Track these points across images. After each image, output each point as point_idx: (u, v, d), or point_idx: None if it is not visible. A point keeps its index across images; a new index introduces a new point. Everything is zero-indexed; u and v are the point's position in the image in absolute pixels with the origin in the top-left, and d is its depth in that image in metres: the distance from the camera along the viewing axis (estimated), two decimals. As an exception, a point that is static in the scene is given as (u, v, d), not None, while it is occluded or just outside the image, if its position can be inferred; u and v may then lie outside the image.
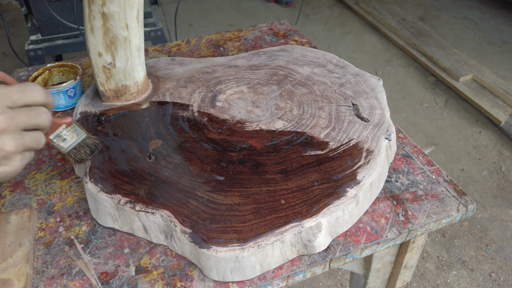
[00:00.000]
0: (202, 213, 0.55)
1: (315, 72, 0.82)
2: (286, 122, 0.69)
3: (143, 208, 0.55)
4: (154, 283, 0.53)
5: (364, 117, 0.70)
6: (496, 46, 2.67)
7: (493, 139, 2.00)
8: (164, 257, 0.56)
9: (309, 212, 0.54)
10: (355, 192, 0.57)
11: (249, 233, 0.52)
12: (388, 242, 0.58)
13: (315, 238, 0.54)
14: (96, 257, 0.56)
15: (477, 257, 1.51)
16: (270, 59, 0.86)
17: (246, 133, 0.67)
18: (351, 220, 0.58)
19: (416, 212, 0.61)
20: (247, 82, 0.79)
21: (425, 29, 2.69)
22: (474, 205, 0.63)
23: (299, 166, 0.61)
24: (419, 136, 2.04)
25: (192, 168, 0.61)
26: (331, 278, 1.45)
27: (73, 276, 0.54)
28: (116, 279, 0.54)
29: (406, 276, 0.77)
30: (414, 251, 0.71)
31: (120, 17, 0.65)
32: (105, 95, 0.73)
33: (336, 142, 0.65)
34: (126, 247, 0.58)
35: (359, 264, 0.74)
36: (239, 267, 0.51)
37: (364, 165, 0.61)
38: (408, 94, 2.31)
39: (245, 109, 0.73)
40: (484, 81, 2.19)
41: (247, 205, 0.56)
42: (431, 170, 0.68)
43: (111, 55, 0.69)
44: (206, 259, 0.51)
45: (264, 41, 1.04)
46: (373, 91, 0.76)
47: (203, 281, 0.53)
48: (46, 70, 0.84)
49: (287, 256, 0.54)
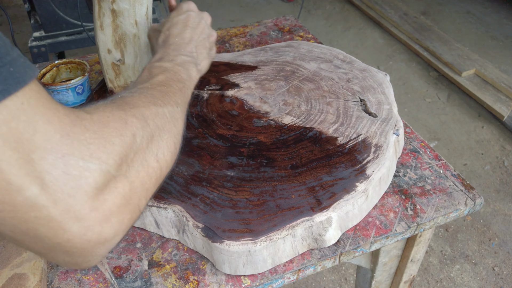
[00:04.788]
0: (214, 208, 0.55)
1: (322, 67, 0.82)
2: (294, 118, 0.70)
3: (155, 203, 0.56)
4: (167, 277, 0.54)
5: (372, 112, 0.70)
6: (498, 40, 2.67)
7: (496, 134, 2.00)
8: (176, 251, 0.57)
9: (320, 207, 0.55)
10: (365, 187, 0.58)
11: (261, 227, 0.53)
12: (397, 236, 0.59)
13: (326, 232, 0.55)
14: (109, 251, 0.57)
15: (480, 251, 1.52)
16: (276, 55, 0.87)
17: (255, 128, 0.68)
18: (361, 215, 0.59)
19: (424, 206, 0.62)
20: (255, 78, 0.80)
21: (428, 24, 2.68)
22: (482, 199, 0.63)
23: (308, 161, 0.62)
24: (422, 131, 2.04)
25: (202, 164, 0.62)
26: (335, 272, 1.47)
27: (87, 270, 0.55)
28: (130, 273, 0.54)
29: (413, 270, 0.78)
30: (421, 245, 0.72)
31: (130, 14, 0.65)
32: (114, 91, 0.73)
33: (345, 137, 0.66)
34: (138, 241, 0.58)
35: (366, 258, 0.75)
36: (251, 261, 0.52)
37: (373, 160, 0.61)
38: (410, 89, 2.32)
39: (253, 104, 0.73)
40: (486, 75, 2.19)
41: (258, 200, 0.56)
42: (438, 165, 0.69)
43: (120, 52, 0.69)
44: (219, 253, 0.52)
45: (270, 36, 1.04)
46: (381, 86, 0.76)
47: (215, 274, 0.54)
48: (54, 67, 0.84)
49: (298, 250, 0.55)
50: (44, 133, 0.28)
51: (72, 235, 0.30)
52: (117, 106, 0.37)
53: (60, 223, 0.29)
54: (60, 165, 0.28)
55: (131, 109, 0.38)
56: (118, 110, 0.36)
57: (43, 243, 0.30)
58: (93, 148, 0.31)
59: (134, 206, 0.34)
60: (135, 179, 0.34)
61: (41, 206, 0.28)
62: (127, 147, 0.34)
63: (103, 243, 0.32)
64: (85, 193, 0.30)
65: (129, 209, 0.34)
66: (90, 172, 0.30)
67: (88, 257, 0.32)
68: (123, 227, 0.33)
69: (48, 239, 0.29)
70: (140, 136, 0.36)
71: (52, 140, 0.29)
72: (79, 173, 0.29)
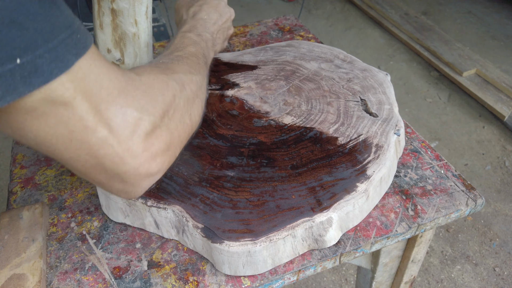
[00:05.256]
0: (213, 208, 0.55)
1: (322, 67, 0.82)
2: (294, 118, 0.69)
3: (155, 203, 0.56)
4: (167, 278, 0.54)
5: (373, 112, 0.70)
6: (499, 40, 2.66)
7: (497, 134, 2.00)
8: (176, 251, 0.57)
9: (320, 207, 0.55)
10: (365, 187, 0.57)
11: (261, 227, 0.52)
12: (398, 236, 0.59)
13: (326, 233, 0.54)
14: (109, 252, 0.57)
15: (481, 252, 1.52)
16: (277, 54, 0.86)
17: (255, 128, 0.68)
18: (361, 215, 0.58)
19: (425, 207, 0.61)
20: (255, 77, 0.80)
21: (428, 24, 2.68)
22: (483, 199, 0.63)
23: (309, 161, 0.61)
24: (423, 131, 2.04)
25: (202, 164, 0.62)
26: (336, 273, 1.46)
27: (86, 270, 0.55)
28: (129, 273, 0.54)
29: (413, 271, 0.77)
30: (421, 246, 0.71)
31: (130, 13, 0.65)
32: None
33: (345, 137, 0.65)
34: (137, 242, 0.58)
35: (367, 259, 0.75)
36: (251, 262, 0.52)
37: (373, 160, 0.61)
38: (411, 89, 2.31)
39: (254, 104, 0.73)
40: (487, 75, 2.19)
41: (258, 200, 0.56)
42: (439, 165, 0.68)
43: (120, 52, 0.69)
44: (219, 253, 0.52)
45: (270, 36, 1.04)
46: (381, 86, 0.76)
47: (215, 275, 0.54)
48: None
49: (298, 250, 0.55)
50: (107, 88, 0.35)
51: (129, 168, 0.38)
52: (160, 70, 0.45)
53: (122, 159, 0.37)
54: (120, 114, 0.36)
55: (172, 74, 0.45)
56: (161, 74, 0.44)
57: (106, 174, 0.39)
58: (142, 103, 0.38)
59: (173, 152, 0.43)
60: (174, 131, 0.43)
61: (109, 145, 0.36)
62: (168, 104, 0.42)
63: (149, 177, 0.41)
64: (139, 137, 0.38)
65: (169, 154, 0.42)
66: (142, 121, 0.38)
67: (137, 187, 0.41)
68: (164, 166, 0.42)
69: (110, 170, 0.38)
70: (178, 98, 0.44)
71: (113, 94, 0.36)
72: (134, 121, 0.37)
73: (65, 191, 0.65)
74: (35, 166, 0.70)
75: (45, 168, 0.70)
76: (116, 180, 0.40)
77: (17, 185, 0.67)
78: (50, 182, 0.67)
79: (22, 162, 0.71)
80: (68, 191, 0.65)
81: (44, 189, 0.66)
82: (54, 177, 0.68)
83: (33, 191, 0.66)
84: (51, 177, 0.68)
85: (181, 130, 0.44)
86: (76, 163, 0.37)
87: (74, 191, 0.65)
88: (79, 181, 0.67)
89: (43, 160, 0.71)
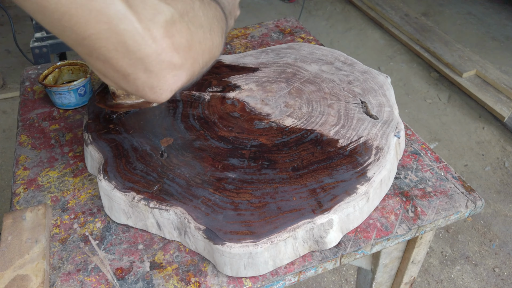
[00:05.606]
0: (215, 210, 0.56)
1: (323, 69, 0.82)
2: (295, 120, 0.70)
3: (157, 205, 0.56)
4: (169, 279, 0.54)
5: (373, 114, 0.70)
6: (499, 41, 2.67)
7: (497, 135, 2.00)
8: (178, 253, 0.57)
9: (321, 209, 0.55)
10: (366, 189, 0.58)
11: (262, 229, 0.53)
12: (398, 238, 0.59)
13: (327, 235, 0.55)
14: (111, 253, 0.57)
15: (481, 252, 1.52)
16: (278, 56, 0.87)
17: (256, 130, 0.68)
18: (362, 217, 0.59)
19: (425, 209, 0.62)
20: (256, 80, 0.80)
21: (428, 25, 2.68)
22: (483, 201, 0.63)
23: (309, 163, 0.62)
24: (422, 132, 2.04)
25: (204, 166, 0.62)
26: (336, 273, 1.47)
27: (89, 272, 0.55)
28: (131, 274, 0.55)
29: (413, 272, 0.78)
30: (421, 247, 0.72)
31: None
32: (116, 93, 0.73)
33: (346, 139, 0.66)
34: (140, 243, 0.59)
35: (367, 260, 0.75)
36: (252, 263, 0.52)
37: (374, 162, 0.62)
38: (411, 90, 2.32)
39: (255, 106, 0.73)
40: (487, 76, 2.19)
41: (259, 202, 0.56)
42: (439, 167, 0.69)
43: (122, 54, 0.69)
44: (220, 255, 0.52)
45: (271, 38, 1.05)
46: (382, 89, 0.76)
47: (217, 276, 0.54)
48: (56, 69, 0.84)
49: (299, 252, 0.55)
50: None
51: (150, 51, 0.38)
52: None
53: (143, 38, 0.37)
54: None
55: None
56: None
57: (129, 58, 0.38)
58: None
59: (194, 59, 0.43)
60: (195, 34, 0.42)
61: (129, 20, 0.36)
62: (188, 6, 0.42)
63: (172, 70, 0.41)
64: (159, 22, 0.38)
65: (191, 55, 0.42)
66: (161, 8, 0.38)
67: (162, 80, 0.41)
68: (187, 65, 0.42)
69: (133, 53, 0.38)
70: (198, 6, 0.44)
71: None
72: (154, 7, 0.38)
73: (67, 193, 0.66)
74: (38, 168, 0.70)
75: (48, 170, 0.70)
76: (139, 68, 0.39)
77: (20, 187, 0.67)
78: (53, 184, 0.68)
79: (25, 164, 0.71)
80: (71, 193, 0.66)
81: (47, 190, 0.67)
82: (57, 179, 0.68)
83: (36, 192, 0.66)
84: (54, 179, 0.68)
85: (201, 38, 0.43)
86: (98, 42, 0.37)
87: (77, 193, 0.66)
88: (81, 182, 0.68)
89: (46, 162, 0.72)
